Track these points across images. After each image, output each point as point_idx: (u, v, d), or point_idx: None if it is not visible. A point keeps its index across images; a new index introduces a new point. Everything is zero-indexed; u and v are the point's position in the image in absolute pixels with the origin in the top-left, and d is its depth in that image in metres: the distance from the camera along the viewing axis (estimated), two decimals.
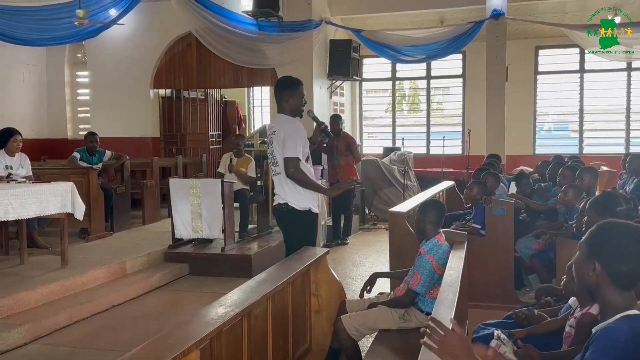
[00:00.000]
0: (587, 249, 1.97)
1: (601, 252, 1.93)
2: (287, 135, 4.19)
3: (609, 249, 1.91)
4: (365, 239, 8.97)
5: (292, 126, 4.25)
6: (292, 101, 4.28)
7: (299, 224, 4.32)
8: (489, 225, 5.23)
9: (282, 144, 4.19)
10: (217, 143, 11.88)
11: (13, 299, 5.02)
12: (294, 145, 4.17)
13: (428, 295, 3.47)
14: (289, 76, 4.53)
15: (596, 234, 1.98)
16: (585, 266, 1.96)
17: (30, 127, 10.71)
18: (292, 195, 4.27)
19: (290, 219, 4.34)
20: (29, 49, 10.55)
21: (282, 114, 4.32)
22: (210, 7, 10.00)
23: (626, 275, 1.89)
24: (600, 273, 1.91)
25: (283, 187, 4.30)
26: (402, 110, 13.03)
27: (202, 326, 2.37)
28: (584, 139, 11.71)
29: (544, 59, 11.81)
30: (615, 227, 1.98)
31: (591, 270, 1.93)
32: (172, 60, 11.08)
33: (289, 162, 4.15)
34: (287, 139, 4.17)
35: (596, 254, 1.94)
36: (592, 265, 1.93)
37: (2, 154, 6.60)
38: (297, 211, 4.27)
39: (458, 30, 10.12)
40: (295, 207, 4.26)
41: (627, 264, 1.88)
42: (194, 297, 5.92)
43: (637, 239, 1.90)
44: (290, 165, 4.15)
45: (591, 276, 1.94)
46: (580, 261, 1.99)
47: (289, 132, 4.20)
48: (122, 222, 8.31)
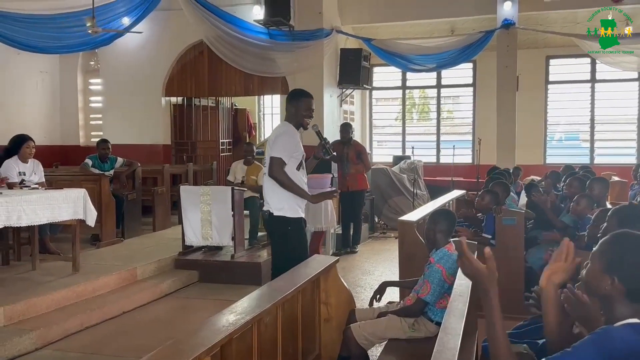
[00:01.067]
0: (604, 262, 1.90)
1: (620, 266, 1.86)
2: (277, 137, 4.25)
3: (628, 264, 1.85)
4: (375, 247, 8.97)
5: (284, 129, 4.31)
6: (296, 112, 4.35)
7: (284, 232, 4.31)
8: (499, 235, 5.22)
9: (271, 145, 4.25)
10: (228, 150, 11.94)
11: (25, 304, 5.05)
12: (281, 147, 4.19)
13: (438, 305, 3.47)
14: (299, 89, 4.65)
15: (614, 246, 1.91)
16: (601, 279, 1.89)
17: (42, 134, 10.82)
18: (273, 200, 4.28)
19: (274, 227, 4.37)
20: (42, 56, 10.68)
21: (286, 122, 4.39)
22: (222, 16, 10.11)
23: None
24: (617, 287, 1.85)
25: (267, 192, 4.33)
26: (412, 119, 13.05)
27: (213, 333, 2.39)
28: (595, 148, 11.66)
29: (555, 68, 11.81)
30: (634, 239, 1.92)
31: (608, 284, 1.87)
32: (184, 68, 11.17)
33: (273, 162, 4.17)
34: (276, 141, 4.23)
35: (615, 268, 1.87)
36: (610, 279, 1.87)
37: (16, 161, 6.66)
38: (280, 218, 4.27)
39: (469, 39, 10.15)
40: (276, 213, 4.27)
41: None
42: (203, 304, 5.94)
43: None
44: (274, 164, 4.16)
45: (606, 289, 1.88)
46: (596, 273, 1.92)
47: (279, 135, 4.26)
48: (133, 228, 8.36)
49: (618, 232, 1.99)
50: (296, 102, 4.36)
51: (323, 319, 3.79)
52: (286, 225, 4.29)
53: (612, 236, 1.96)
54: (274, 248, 4.54)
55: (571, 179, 5.69)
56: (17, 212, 5.30)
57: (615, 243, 1.92)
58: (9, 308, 4.89)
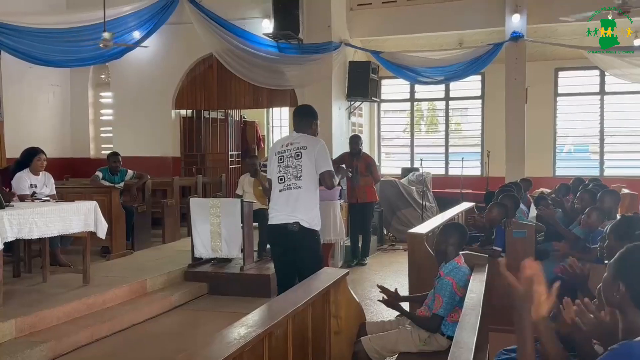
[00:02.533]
0: (614, 270, 2.03)
1: (626, 274, 1.98)
2: (320, 153, 4.34)
3: (633, 271, 1.97)
4: (384, 259, 8.94)
5: (322, 143, 4.43)
6: (316, 129, 4.51)
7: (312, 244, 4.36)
8: (509, 247, 5.19)
9: (314, 160, 4.32)
10: (237, 163, 11.98)
11: (36, 316, 5.09)
12: (328, 160, 4.39)
13: (449, 319, 3.45)
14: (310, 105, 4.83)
15: (624, 256, 2.04)
16: (610, 287, 2.02)
17: (54, 147, 10.89)
18: (309, 214, 4.31)
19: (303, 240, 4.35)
20: (54, 70, 10.76)
21: (306, 134, 4.45)
22: (232, 30, 10.19)
23: None
24: (624, 294, 1.96)
25: (300, 204, 4.31)
26: (421, 131, 13.06)
27: (224, 346, 2.38)
28: (604, 160, 11.61)
29: (564, 80, 11.79)
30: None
31: (616, 291, 1.99)
32: (194, 81, 11.25)
33: (327, 176, 4.34)
34: (321, 156, 4.34)
35: (621, 275, 1.99)
36: (617, 287, 1.98)
37: (27, 173, 6.72)
38: (311, 231, 4.33)
39: (477, 52, 10.16)
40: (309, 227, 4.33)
41: None
42: (212, 317, 5.95)
43: None
44: (329, 178, 4.35)
45: (615, 297, 1.99)
46: (607, 282, 2.05)
47: (322, 150, 4.37)
48: (143, 240, 8.40)
49: (633, 244, 2.10)
50: (314, 118, 4.54)
51: (333, 332, 3.77)
52: (315, 237, 4.40)
53: (627, 248, 2.08)
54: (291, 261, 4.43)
55: (582, 193, 5.67)
56: (29, 224, 5.35)
57: (627, 253, 2.05)
58: (20, 320, 4.92)
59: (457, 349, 2.15)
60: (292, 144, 4.39)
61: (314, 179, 4.36)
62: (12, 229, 5.14)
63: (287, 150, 4.38)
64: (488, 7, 10.27)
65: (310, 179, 4.33)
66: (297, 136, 4.48)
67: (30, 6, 10.06)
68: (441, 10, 10.49)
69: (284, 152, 4.38)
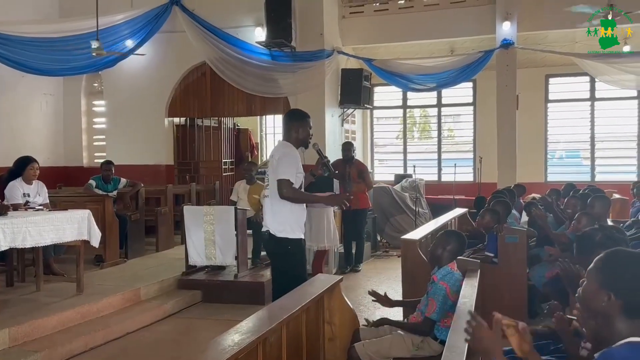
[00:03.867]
0: (601, 279, 1.95)
1: (617, 283, 1.91)
2: (280, 158, 4.23)
3: (625, 280, 1.90)
4: (377, 266, 8.97)
5: (287, 150, 4.30)
6: (302, 131, 4.38)
7: (284, 252, 4.30)
8: (501, 253, 5.25)
9: (275, 166, 4.24)
10: (230, 170, 11.99)
11: (29, 325, 5.07)
12: (286, 168, 4.19)
13: (442, 324, 3.48)
14: (298, 109, 4.71)
15: (609, 263, 1.96)
16: (597, 296, 1.94)
17: (46, 155, 10.88)
18: (276, 221, 4.27)
19: (274, 247, 4.36)
20: (46, 78, 10.77)
21: (286, 141, 4.39)
22: (225, 38, 10.25)
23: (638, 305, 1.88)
24: (614, 303, 1.89)
25: (267, 212, 4.33)
26: (413, 138, 13.13)
27: (219, 353, 2.40)
28: (595, 166, 11.71)
29: (555, 87, 11.90)
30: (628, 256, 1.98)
31: (604, 300, 1.91)
32: (187, 89, 11.28)
33: (281, 184, 4.16)
34: (281, 162, 4.21)
35: (611, 284, 1.91)
36: (606, 296, 1.91)
37: (20, 182, 6.71)
38: (280, 239, 4.27)
39: (468, 59, 10.25)
40: (277, 234, 4.26)
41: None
42: (207, 325, 5.94)
43: None
44: (283, 186, 4.16)
45: (603, 306, 1.92)
46: (592, 291, 1.97)
47: (283, 156, 4.24)
48: (136, 249, 8.39)
49: (612, 250, 2.05)
50: (298, 122, 4.39)
51: (327, 338, 3.79)
52: (286, 246, 4.28)
53: (606, 254, 2.01)
54: (274, 268, 4.52)
55: (569, 198, 5.74)
56: (22, 233, 5.34)
57: (610, 260, 1.97)
58: (14, 329, 4.91)
59: (450, 353, 2.18)
60: (272, 155, 4.43)
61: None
62: (6, 238, 5.13)
63: (270, 160, 4.45)
64: (479, 14, 10.37)
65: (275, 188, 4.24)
66: (277, 145, 4.55)
67: (23, 15, 10.09)
68: (433, 18, 10.59)
69: (269, 161, 4.46)
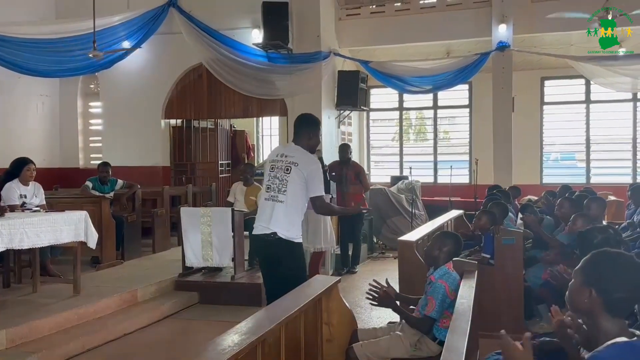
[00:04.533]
0: (583, 276, 2.07)
1: (597, 279, 2.02)
2: (313, 175, 4.22)
3: (604, 277, 2.02)
4: (374, 267, 8.99)
5: (317, 165, 4.31)
6: (314, 139, 4.38)
7: (289, 255, 4.28)
8: (498, 254, 5.27)
9: (305, 180, 4.20)
10: (227, 172, 12.01)
11: (27, 327, 5.07)
12: (320, 185, 4.27)
13: (441, 324, 3.50)
14: (312, 115, 4.59)
15: (592, 262, 2.09)
16: (580, 293, 2.06)
17: (43, 157, 10.86)
18: (287, 226, 4.23)
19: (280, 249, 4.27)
20: (43, 80, 10.77)
21: (301, 147, 4.33)
22: (221, 40, 10.27)
23: (619, 302, 1.99)
24: (595, 300, 2.01)
25: (278, 216, 4.24)
26: (410, 140, 13.16)
27: (218, 354, 2.41)
28: (591, 168, 11.77)
29: (550, 89, 11.96)
30: (610, 256, 2.09)
31: (587, 297, 2.03)
32: (183, 90, 11.28)
33: (318, 201, 4.26)
34: (314, 179, 4.23)
35: (592, 281, 2.03)
36: (588, 292, 2.02)
37: (17, 183, 6.70)
38: (288, 242, 4.25)
39: (464, 61, 10.30)
40: (287, 238, 4.23)
41: (620, 291, 1.99)
42: (204, 326, 5.95)
43: (630, 267, 2.02)
44: (319, 203, 4.28)
45: (586, 303, 2.03)
46: (576, 288, 2.09)
47: (316, 172, 4.25)
48: (133, 250, 8.39)
49: (598, 250, 2.16)
50: (313, 128, 4.39)
51: (325, 339, 3.80)
52: (293, 248, 4.29)
53: (592, 254, 2.13)
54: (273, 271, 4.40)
55: (562, 200, 5.77)
56: (19, 234, 5.34)
57: (594, 259, 2.10)
58: (11, 331, 4.91)
59: (449, 354, 2.20)
60: (286, 157, 4.29)
61: (298, 197, 4.24)
62: (3, 239, 5.13)
63: (280, 161, 4.31)
64: (475, 17, 10.43)
65: (295, 196, 4.21)
66: (292, 149, 4.36)
67: (20, 16, 10.08)
68: (429, 21, 10.65)
69: (276, 163, 4.32)
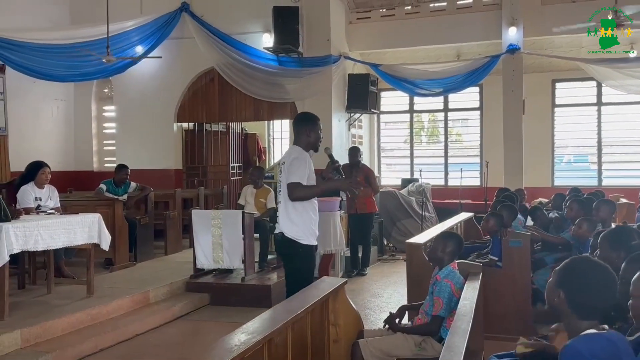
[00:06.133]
0: (557, 277, 2.22)
1: (566, 282, 2.18)
2: (292, 163, 4.29)
3: (573, 281, 2.16)
4: (384, 270, 9.02)
5: (296, 154, 4.35)
6: (312, 135, 4.43)
7: (294, 254, 4.41)
8: (505, 257, 5.29)
9: (286, 171, 4.31)
10: (238, 175, 12.09)
11: (41, 327, 5.17)
12: (296, 171, 4.25)
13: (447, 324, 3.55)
14: (308, 112, 4.75)
15: (568, 266, 2.23)
16: (552, 292, 2.22)
17: (57, 160, 11.01)
18: (288, 224, 4.36)
19: (285, 248, 4.46)
20: (57, 84, 10.92)
21: (296, 145, 4.45)
22: (233, 44, 10.37)
23: (583, 306, 2.12)
24: (562, 300, 2.16)
25: (282, 216, 4.41)
26: (421, 142, 13.19)
27: (225, 352, 2.47)
28: (602, 171, 11.71)
29: (561, 91, 11.93)
30: (585, 263, 2.24)
31: (557, 297, 2.18)
32: (195, 94, 11.40)
33: (290, 187, 4.24)
34: (290, 166, 4.28)
35: (562, 283, 2.18)
36: (558, 293, 2.18)
37: (32, 186, 6.82)
38: (292, 241, 4.37)
39: (474, 64, 10.31)
40: (291, 237, 4.36)
41: (585, 296, 2.13)
42: (214, 327, 6.02)
43: (600, 276, 2.15)
44: (292, 189, 4.24)
45: (556, 302, 2.19)
46: (550, 287, 2.25)
47: (293, 160, 4.31)
48: (145, 252, 8.48)
49: (577, 257, 2.34)
50: (308, 125, 4.44)
51: (332, 340, 3.86)
52: (297, 248, 4.38)
53: (572, 259, 2.28)
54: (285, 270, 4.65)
55: (571, 202, 5.78)
56: (34, 236, 5.44)
57: (571, 263, 2.24)
58: (26, 331, 5.01)
59: (448, 353, 2.25)
60: (283, 159, 4.50)
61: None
62: (18, 241, 5.23)
63: (281, 164, 4.51)
64: (485, 20, 10.45)
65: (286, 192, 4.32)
66: (288, 150, 4.57)
67: (35, 22, 10.24)
68: (439, 24, 10.68)
69: (280, 167, 4.51)
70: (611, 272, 2.20)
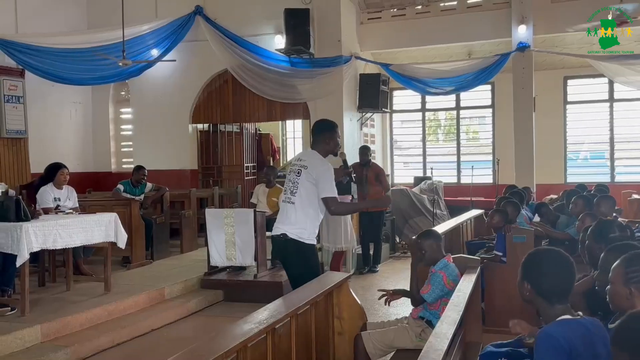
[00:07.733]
0: (520, 272, 2.40)
1: (528, 273, 2.35)
2: (322, 176, 4.29)
3: (534, 271, 2.33)
4: (395, 267, 9.13)
5: (326, 167, 4.36)
6: (332, 143, 4.47)
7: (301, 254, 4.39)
8: (509, 252, 5.37)
9: (314, 181, 4.29)
10: (252, 174, 12.28)
11: (60, 322, 5.37)
12: (331, 185, 4.30)
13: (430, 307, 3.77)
14: (327, 119, 4.72)
15: (528, 258, 2.40)
16: (521, 287, 2.38)
17: (76, 161, 11.27)
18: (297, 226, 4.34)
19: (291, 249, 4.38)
20: (76, 88, 11.17)
21: (316, 151, 4.45)
22: (246, 46, 10.55)
23: (548, 292, 2.27)
24: (530, 291, 2.32)
25: (288, 217, 4.37)
26: (434, 140, 13.26)
27: (229, 340, 2.62)
28: (615, 167, 11.69)
29: (573, 88, 11.91)
30: (541, 253, 2.41)
31: (526, 290, 2.34)
32: (210, 96, 11.58)
33: (330, 202, 4.28)
34: (324, 180, 4.28)
35: (526, 275, 2.36)
36: (525, 285, 2.35)
37: (51, 187, 7.05)
38: (296, 241, 4.35)
39: (485, 62, 10.35)
40: (295, 237, 4.33)
41: (546, 282, 2.28)
42: (227, 322, 6.13)
43: (555, 261, 2.31)
44: (331, 204, 4.29)
45: (527, 295, 2.35)
46: (518, 282, 2.41)
47: (324, 173, 4.31)
48: (162, 250, 8.69)
49: (534, 249, 2.49)
50: (329, 133, 4.47)
51: (336, 332, 3.99)
52: (304, 249, 4.39)
53: (529, 253, 2.44)
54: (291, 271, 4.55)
55: (576, 198, 5.85)
56: (53, 235, 5.64)
57: (528, 257, 2.41)
58: (45, 326, 5.21)
59: (435, 338, 2.38)
60: (300, 161, 4.47)
61: (309, 199, 4.34)
62: (37, 239, 5.44)
63: (295, 165, 4.50)
64: (495, 18, 10.48)
65: (306, 198, 4.32)
66: (307, 153, 4.53)
67: (53, 27, 10.49)
68: (449, 23, 10.74)
69: (293, 167, 4.51)
70: (565, 254, 2.36)
